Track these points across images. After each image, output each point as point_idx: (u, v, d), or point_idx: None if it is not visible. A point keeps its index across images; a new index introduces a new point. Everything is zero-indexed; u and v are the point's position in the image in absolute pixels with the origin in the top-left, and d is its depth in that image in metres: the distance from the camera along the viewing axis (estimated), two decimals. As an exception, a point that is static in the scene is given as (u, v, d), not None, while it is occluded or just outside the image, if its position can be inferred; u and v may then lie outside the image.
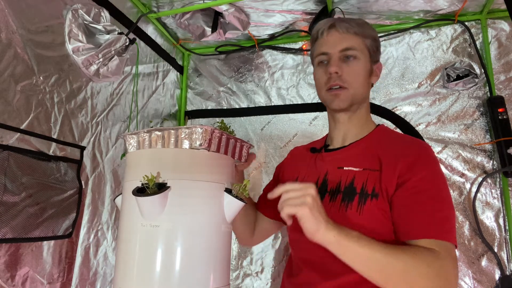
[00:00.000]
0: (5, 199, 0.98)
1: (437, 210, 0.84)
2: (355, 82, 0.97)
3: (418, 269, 0.75)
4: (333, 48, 0.99)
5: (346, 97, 0.97)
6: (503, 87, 1.61)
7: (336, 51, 0.98)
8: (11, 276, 1.03)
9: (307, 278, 0.95)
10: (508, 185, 1.53)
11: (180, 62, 2.04)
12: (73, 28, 1.19)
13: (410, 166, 0.87)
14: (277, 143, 1.87)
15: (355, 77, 0.97)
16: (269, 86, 1.94)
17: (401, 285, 0.76)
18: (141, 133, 0.80)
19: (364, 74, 0.99)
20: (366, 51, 1.00)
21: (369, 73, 1.01)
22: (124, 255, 0.76)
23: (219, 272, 0.77)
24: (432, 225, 0.82)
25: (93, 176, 1.35)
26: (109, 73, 1.29)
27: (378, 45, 1.04)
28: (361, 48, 0.99)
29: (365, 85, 1.00)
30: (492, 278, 1.49)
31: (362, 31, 0.99)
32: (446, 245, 0.80)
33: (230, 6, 1.57)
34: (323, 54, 1.01)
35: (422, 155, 0.91)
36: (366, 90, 1.02)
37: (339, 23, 1.00)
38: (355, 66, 0.97)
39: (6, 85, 1.01)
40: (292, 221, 0.79)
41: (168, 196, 0.73)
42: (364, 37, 0.99)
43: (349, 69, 0.97)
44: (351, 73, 0.97)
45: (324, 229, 0.75)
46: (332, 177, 0.98)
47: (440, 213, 0.84)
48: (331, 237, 0.75)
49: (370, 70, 1.02)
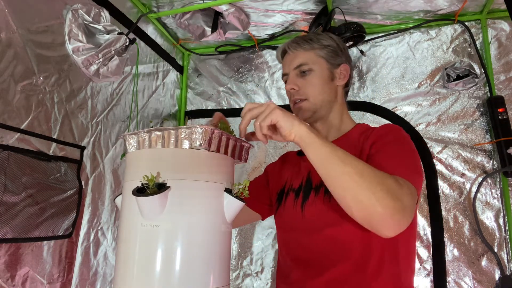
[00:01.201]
0: (5, 199, 0.98)
1: (401, 158, 0.89)
2: (313, 92, 1.06)
3: (374, 177, 0.75)
4: (288, 67, 1.11)
5: (308, 107, 1.06)
6: (503, 87, 1.61)
7: (291, 69, 1.09)
8: (11, 276, 1.03)
9: (297, 276, 0.98)
10: (508, 185, 1.53)
11: (180, 62, 2.04)
12: (73, 28, 1.19)
13: (375, 139, 0.95)
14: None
15: (312, 87, 1.06)
16: (269, 86, 1.94)
17: (352, 187, 0.76)
18: (141, 133, 0.80)
19: (321, 82, 1.07)
20: (321, 60, 1.09)
21: (330, 79, 1.09)
22: (124, 255, 0.76)
23: (219, 272, 0.77)
24: (395, 167, 0.85)
25: (93, 176, 1.35)
26: (109, 73, 1.29)
27: (336, 50, 1.11)
28: (314, 60, 1.08)
29: (326, 91, 1.08)
30: (492, 278, 1.49)
31: (312, 45, 1.09)
32: (404, 180, 0.82)
33: (230, 6, 1.57)
34: (284, 75, 1.13)
35: (385, 129, 0.99)
36: (330, 94, 1.09)
37: (290, 44, 1.11)
38: (310, 78, 1.07)
39: (6, 85, 1.01)
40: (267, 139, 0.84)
41: (168, 196, 0.73)
42: (316, 49, 1.09)
43: (305, 82, 1.07)
44: (307, 85, 1.06)
45: (298, 123, 0.80)
46: (315, 174, 0.99)
47: (404, 160, 0.89)
48: (304, 131, 0.79)
49: (331, 76, 1.09)
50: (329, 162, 0.78)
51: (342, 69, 1.11)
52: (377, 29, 1.78)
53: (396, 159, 0.88)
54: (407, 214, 0.77)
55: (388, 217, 0.74)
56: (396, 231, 0.77)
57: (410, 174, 0.85)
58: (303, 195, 1.04)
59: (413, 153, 0.95)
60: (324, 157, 0.78)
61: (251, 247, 1.82)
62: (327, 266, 0.91)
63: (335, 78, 1.10)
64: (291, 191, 1.09)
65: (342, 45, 1.13)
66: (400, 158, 0.89)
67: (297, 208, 1.03)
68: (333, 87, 1.10)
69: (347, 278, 0.90)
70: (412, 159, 0.92)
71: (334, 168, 0.77)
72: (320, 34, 1.13)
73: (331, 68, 1.09)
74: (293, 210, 1.04)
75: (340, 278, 0.90)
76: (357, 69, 1.82)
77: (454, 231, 1.57)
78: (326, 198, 0.96)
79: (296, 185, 1.09)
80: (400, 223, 0.76)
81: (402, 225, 0.77)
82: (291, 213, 1.05)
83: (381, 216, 0.74)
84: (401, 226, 0.77)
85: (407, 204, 0.76)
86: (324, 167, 0.79)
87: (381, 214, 0.74)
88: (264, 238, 1.81)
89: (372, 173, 0.76)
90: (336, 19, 1.67)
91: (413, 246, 1.01)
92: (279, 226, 1.12)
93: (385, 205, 0.73)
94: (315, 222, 0.96)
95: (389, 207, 0.73)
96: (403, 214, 0.76)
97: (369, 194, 0.74)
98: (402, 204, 0.75)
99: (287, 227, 1.08)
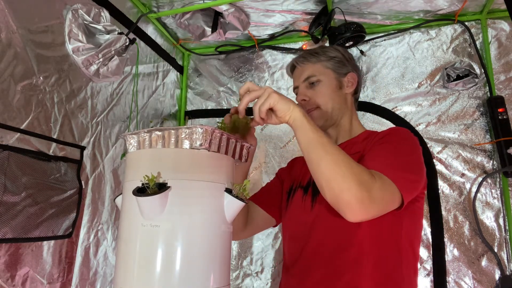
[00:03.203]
0: (5, 199, 0.98)
1: (392, 156, 0.93)
2: (323, 100, 1.13)
3: (347, 167, 0.82)
4: (298, 81, 1.19)
5: (319, 115, 1.13)
6: (503, 87, 1.61)
7: (300, 82, 1.18)
8: (11, 276, 1.03)
9: (302, 267, 1.03)
10: (508, 185, 1.53)
11: (180, 62, 2.04)
12: (73, 28, 1.18)
13: (376, 141, 1.00)
14: (277, 143, 1.87)
15: (321, 96, 1.13)
16: (269, 86, 1.94)
17: (327, 172, 0.83)
18: (141, 133, 0.80)
19: (330, 91, 1.14)
20: (328, 71, 1.16)
21: (338, 87, 1.16)
22: (124, 255, 0.76)
23: (219, 272, 0.77)
24: (379, 163, 0.90)
25: (93, 176, 1.35)
26: (109, 73, 1.29)
27: (343, 61, 1.18)
28: (321, 72, 1.15)
29: (336, 98, 1.14)
30: (492, 278, 1.49)
31: (318, 58, 1.17)
32: (383, 175, 0.86)
33: (230, 6, 1.57)
34: (295, 88, 1.21)
35: (392, 131, 1.04)
36: (340, 102, 1.15)
37: (298, 59, 1.20)
38: (319, 88, 1.14)
39: (6, 85, 1.01)
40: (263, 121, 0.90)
41: (168, 196, 0.73)
42: (322, 61, 1.16)
43: (315, 92, 1.14)
44: (317, 95, 1.14)
45: (293, 105, 0.87)
46: None
47: (393, 158, 0.93)
48: (298, 114, 0.86)
49: (339, 85, 1.16)
50: (313, 146, 0.85)
51: (350, 77, 1.17)
52: (377, 29, 1.78)
53: (381, 157, 0.93)
54: (375, 205, 0.83)
55: (353, 205, 0.81)
56: (360, 218, 0.83)
57: (391, 171, 0.88)
58: (312, 191, 1.06)
59: (409, 153, 0.97)
60: (309, 141, 0.85)
61: (251, 247, 1.82)
62: (332, 257, 0.96)
63: (343, 87, 1.17)
64: (300, 188, 1.13)
65: (348, 56, 1.20)
66: (386, 156, 0.93)
67: (306, 203, 1.06)
68: (342, 95, 1.16)
69: (351, 268, 0.93)
70: (404, 158, 0.95)
71: (316, 152, 0.84)
72: (326, 47, 1.21)
73: (339, 77, 1.16)
74: (302, 204, 1.07)
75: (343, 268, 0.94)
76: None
77: (454, 231, 1.57)
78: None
79: (305, 182, 1.12)
80: (365, 211, 0.82)
81: (367, 214, 0.83)
82: (299, 208, 1.09)
83: (347, 203, 0.81)
84: (367, 215, 0.83)
85: (376, 196, 0.82)
86: (308, 150, 0.86)
87: (347, 200, 0.81)
88: (264, 238, 1.81)
89: (348, 164, 0.82)
90: (336, 19, 1.67)
91: (417, 246, 1.03)
92: (287, 219, 1.16)
93: (352, 194, 0.80)
94: (324, 216, 1.00)
95: (356, 196, 0.80)
96: (370, 204, 0.81)
97: (340, 182, 0.81)
98: (370, 195, 0.81)
99: (294, 220, 1.11)
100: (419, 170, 0.96)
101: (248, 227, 1.20)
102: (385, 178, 0.86)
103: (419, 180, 0.95)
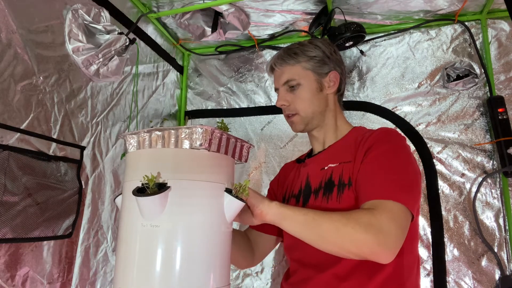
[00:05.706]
0: (5, 199, 0.98)
1: (389, 174, 0.91)
2: (302, 106, 1.09)
3: (347, 226, 0.81)
4: (277, 83, 1.14)
5: (299, 121, 1.10)
6: (503, 87, 1.61)
7: (280, 85, 1.12)
8: (11, 276, 1.03)
9: (303, 275, 1.01)
10: (508, 185, 1.53)
11: (180, 62, 2.04)
12: (73, 28, 1.18)
13: (371, 145, 0.97)
14: (277, 143, 1.87)
15: (301, 102, 1.09)
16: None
17: (334, 242, 0.83)
18: (141, 133, 0.80)
19: (310, 96, 1.09)
20: (308, 73, 1.10)
21: (319, 89, 1.10)
22: (124, 255, 0.76)
23: (219, 272, 0.77)
24: (378, 187, 0.88)
25: (93, 176, 1.35)
26: (109, 73, 1.29)
27: (323, 59, 1.11)
28: (301, 74, 1.09)
29: (316, 102, 1.10)
30: (492, 278, 1.49)
31: (297, 59, 1.10)
32: (386, 203, 0.85)
33: (230, 6, 1.57)
34: (276, 89, 1.16)
35: (381, 134, 1.00)
36: (320, 104, 1.10)
37: (276, 61, 1.13)
38: (299, 93, 1.09)
39: (6, 85, 1.01)
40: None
41: (168, 196, 0.73)
42: (301, 62, 1.10)
43: (294, 97, 1.10)
44: (296, 100, 1.09)
45: (267, 202, 0.87)
46: (314, 178, 1.07)
47: (391, 176, 0.90)
48: (274, 208, 0.86)
49: (319, 87, 1.10)
50: (306, 228, 0.84)
51: (332, 76, 1.12)
52: (377, 29, 1.78)
53: (380, 180, 0.90)
54: (393, 236, 0.82)
55: (378, 252, 0.81)
56: (393, 253, 0.82)
57: (395, 194, 0.87)
58: (303, 199, 1.06)
59: (405, 164, 0.95)
60: (301, 226, 0.85)
61: (251, 247, 1.82)
62: (332, 262, 0.94)
63: (324, 88, 1.11)
64: (292, 197, 1.12)
65: (329, 51, 1.13)
66: (385, 177, 0.91)
67: None
68: (323, 97, 1.11)
69: (351, 274, 0.92)
70: (403, 173, 0.93)
71: (313, 231, 0.84)
72: (306, 44, 1.12)
73: (319, 78, 1.11)
74: None
75: (343, 274, 0.92)
76: (357, 69, 1.82)
77: (454, 231, 1.57)
78: (324, 200, 0.99)
79: (296, 190, 1.11)
80: (392, 246, 0.81)
81: (395, 246, 0.82)
82: None
83: (372, 254, 0.82)
84: (394, 249, 0.82)
85: (387, 229, 0.81)
86: (304, 234, 0.86)
87: (370, 252, 0.81)
88: (264, 238, 1.81)
89: (345, 221, 0.82)
90: (336, 19, 1.66)
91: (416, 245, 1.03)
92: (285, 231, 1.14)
93: (368, 245, 0.80)
94: None
95: (373, 244, 0.79)
96: (390, 238, 0.81)
97: (352, 243, 0.81)
98: (383, 232, 0.80)
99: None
100: (417, 181, 0.95)
101: (257, 254, 1.18)
102: (390, 204, 0.85)
103: (420, 189, 0.96)
